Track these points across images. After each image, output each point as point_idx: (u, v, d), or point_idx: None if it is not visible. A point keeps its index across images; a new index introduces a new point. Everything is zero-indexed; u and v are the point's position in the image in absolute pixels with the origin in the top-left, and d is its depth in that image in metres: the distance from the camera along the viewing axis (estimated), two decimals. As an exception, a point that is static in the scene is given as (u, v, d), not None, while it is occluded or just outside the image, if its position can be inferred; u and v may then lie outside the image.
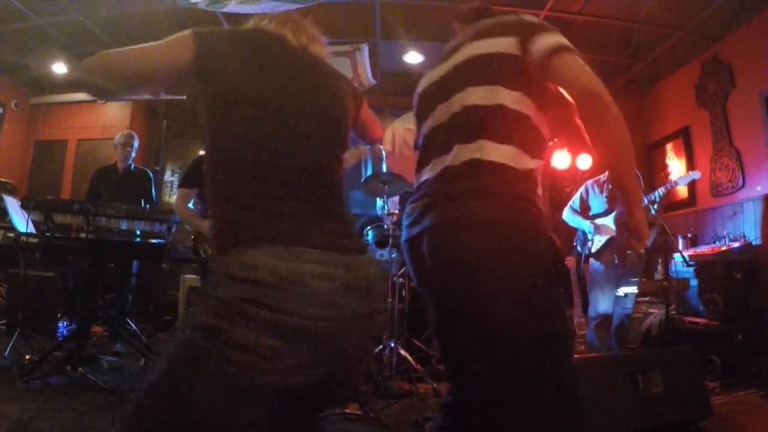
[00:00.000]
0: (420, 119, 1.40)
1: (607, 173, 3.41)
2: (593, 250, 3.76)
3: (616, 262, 3.66)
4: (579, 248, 3.94)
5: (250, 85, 1.04)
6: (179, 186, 3.23)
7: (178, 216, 3.17)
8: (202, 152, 3.32)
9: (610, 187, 3.77)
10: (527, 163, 1.18)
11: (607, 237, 3.68)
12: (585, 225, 3.80)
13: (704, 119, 4.90)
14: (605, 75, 5.47)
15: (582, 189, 4.00)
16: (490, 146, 1.16)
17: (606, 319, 3.67)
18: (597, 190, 3.90)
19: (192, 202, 3.14)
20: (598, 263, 3.76)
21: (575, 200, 3.99)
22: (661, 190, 3.60)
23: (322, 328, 0.92)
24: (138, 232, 3.06)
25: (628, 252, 3.61)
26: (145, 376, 0.91)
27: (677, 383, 2.33)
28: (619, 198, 1.16)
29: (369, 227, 4.11)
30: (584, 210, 3.94)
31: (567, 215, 4.00)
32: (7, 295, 4.31)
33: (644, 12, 4.31)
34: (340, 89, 1.20)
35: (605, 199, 3.78)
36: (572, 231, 4.08)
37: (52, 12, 4.51)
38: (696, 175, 3.77)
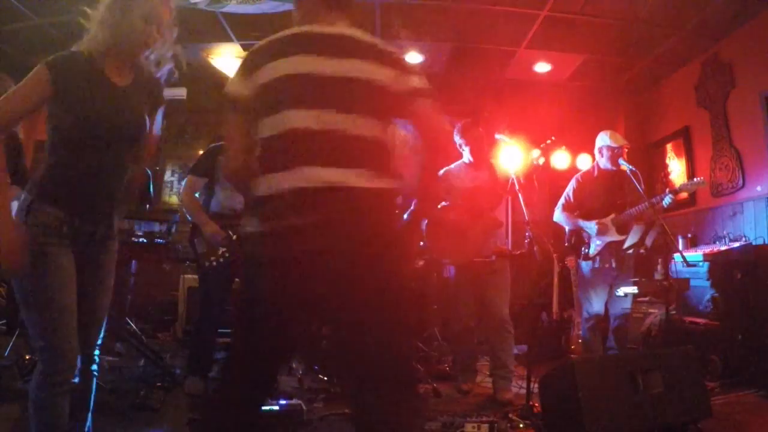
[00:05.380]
0: (289, 102, 1.32)
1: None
2: (591, 253, 3.61)
3: (614, 265, 3.55)
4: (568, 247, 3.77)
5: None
6: (189, 173, 3.17)
7: (182, 204, 3.12)
8: (216, 143, 3.30)
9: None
10: (389, 184, 1.40)
11: (607, 240, 3.55)
12: (589, 226, 3.61)
13: (704, 119, 4.89)
14: (605, 75, 5.54)
15: (573, 183, 3.79)
16: (369, 175, 1.33)
17: (599, 320, 3.63)
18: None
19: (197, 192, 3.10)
20: (589, 265, 3.64)
21: (569, 195, 3.77)
22: (668, 199, 3.38)
23: None
24: (138, 232, 3.05)
25: (630, 253, 3.59)
26: None
27: (677, 383, 2.33)
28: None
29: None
30: (578, 207, 3.72)
31: (558, 215, 3.79)
32: (7, 295, 4.30)
33: (644, 12, 4.31)
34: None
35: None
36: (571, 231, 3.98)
37: (52, 12, 4.50)
38: (701, 182, 3.53)
